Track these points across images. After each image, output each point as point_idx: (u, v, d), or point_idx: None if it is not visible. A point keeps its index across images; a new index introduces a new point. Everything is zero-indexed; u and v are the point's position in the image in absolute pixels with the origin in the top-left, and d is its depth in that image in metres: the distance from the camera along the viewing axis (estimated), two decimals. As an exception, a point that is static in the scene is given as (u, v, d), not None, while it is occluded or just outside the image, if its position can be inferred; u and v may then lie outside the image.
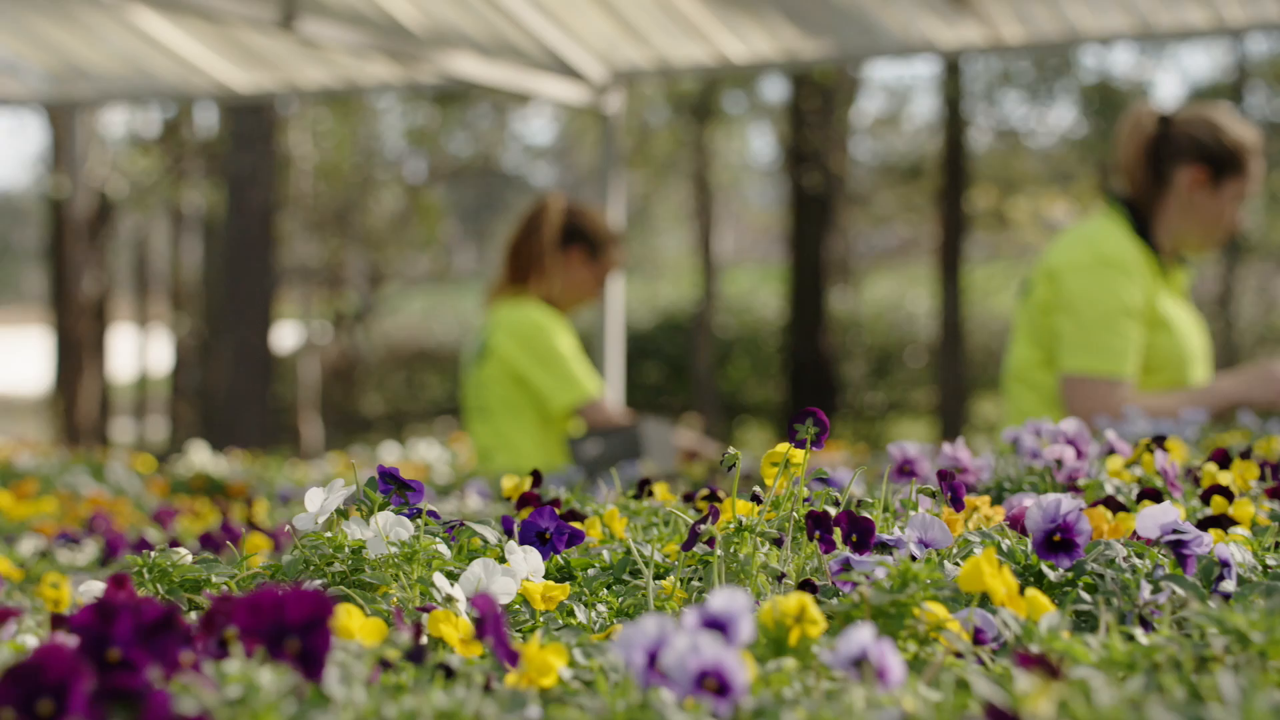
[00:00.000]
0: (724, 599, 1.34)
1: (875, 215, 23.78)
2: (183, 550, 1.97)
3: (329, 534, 1.94)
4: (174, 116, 19.59)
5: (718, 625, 1.33)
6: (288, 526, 2.02)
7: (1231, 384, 4.63)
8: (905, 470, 2.61)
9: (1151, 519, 1.90)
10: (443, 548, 1.90)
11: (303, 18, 6.36)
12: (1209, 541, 1.87)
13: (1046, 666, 1.24)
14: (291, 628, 1.30)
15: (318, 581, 1.89)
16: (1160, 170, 4.77)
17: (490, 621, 1.44)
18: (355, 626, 1.49)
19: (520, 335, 5.65)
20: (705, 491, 2.47)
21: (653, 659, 1.31)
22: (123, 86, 8.43)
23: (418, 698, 1.29)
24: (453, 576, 1.87)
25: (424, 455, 6.91)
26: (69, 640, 1.29)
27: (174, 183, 20.58)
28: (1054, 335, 4.69)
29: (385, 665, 1.41)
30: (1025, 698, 1.22)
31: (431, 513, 2.04)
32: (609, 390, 7.59)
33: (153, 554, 1.96)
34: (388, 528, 1.90)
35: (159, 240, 25.42)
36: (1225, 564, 1.83)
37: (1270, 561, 1.91)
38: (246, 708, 1.21)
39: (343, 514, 2.00)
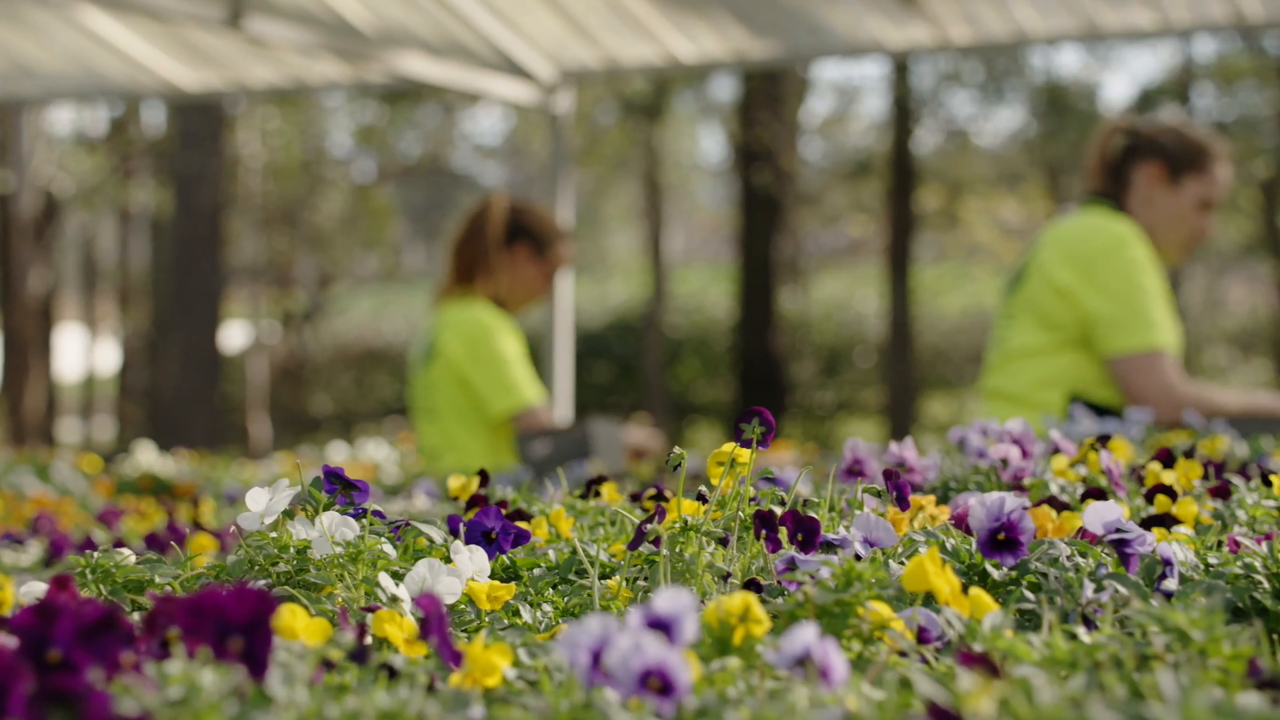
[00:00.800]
0: (668, 599, 1.34)
1: (825, 215, 23.83)
2: (126, 551, 1.96)
3: (274, 534, 1.94)
4: (121, 115, 19.51)
5: (661, 625, 1.33)
6: (233, 527, 2.01)
7: (1272, 397, 4.83)
8: (853, 470, 2.62)
9: (1098, 516, 1.91)
10: (388, 548, 1.90)
11: (250, 16, 6.33)
12: (1152, 540, 1.88)
13: (988, 665, 1.24)
14: (234, 628, 1.30)
15: (262, 582, 1.89)
16: (1122, 173, 4.88)
17: (434, 621, 1.44)
18: (299, 627, 1.48)
19: (465, 336, 5.63)
20: (652, 491, 2.47)
21: (596, 659, 1.31)
22: (70, 85, 8.39)
23: (360, 698, 1.29)
24: (398, 576, 1.87)
25: (372, 455, 6.89)
26: (9, 641, 1.29)
27: (121, 182, 20.48)
28: (1084, 321, 4.78)
29: (329, 665, 1.41)
30: (967, 696, 1.22)
31: (377, 512, 2.04)
32: (557, 393, 7.58)
33: (96, 554, 1.95)
34: (333, 528, 1.89)
35: (106, 239, 25.29)
36: (1168, 563, 1.84)
37: (1212, 560, 1.92)
38: (188, 708, 1.21)
39: (288, 514, 2.00)
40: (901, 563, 1.85)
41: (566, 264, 5.93)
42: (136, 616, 1.85)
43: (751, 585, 1.81)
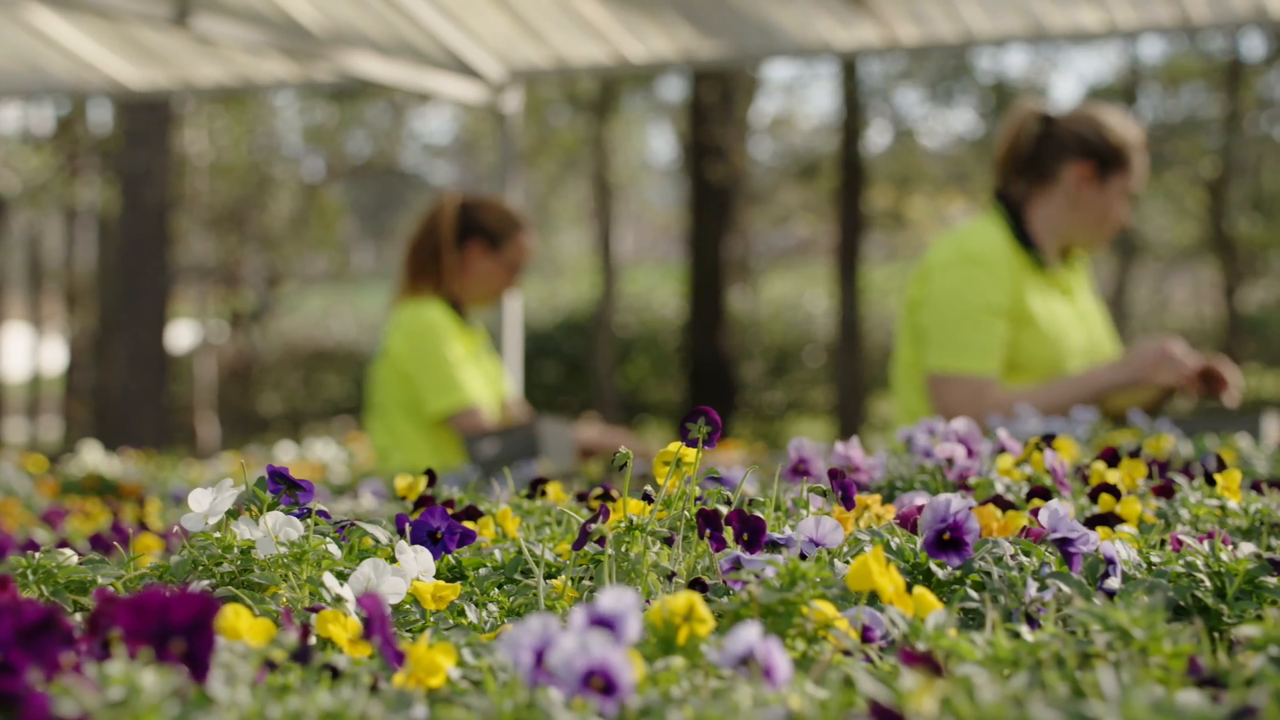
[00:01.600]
0: (611, 598, 1.34)
1: (774, 215, 23.87)
2: (68, 551, 1.95)
3: (219, 534, 1.93)
4: (68, 114, 19.39)
5: (605, 624, 1.33)
6: (177, 527, 2.00)
7: (1102, 371, 4.62)
8: (799, 469, 2.62)
9: (1047, 514, 1.92)
10: (333, 548, 1.89)
11: (197, 15, 6.31)
12: (1095, 539, 1.89)
13: (930, 664, 1.24)
14: (176, 628, 1.29)
15: (206, 582, 1.88)
16: (1044, 167, 4.81)
17: (377, 621, 1.44)
18: (242, 627, 1.48)
19: (411, 335, 5.62)
20: (599, 491, 2.47)
21: (540, 658, 1.31)
22: (15, 83, 8.33)
23: (303, 698, 1.28)
24: (343, 576, 1.86)
25: (320, 455, 6.87)
26: (-52, 643, 1.28)
27: (67, 180, 20.37)
28: (920, 334, 4.73)
29: (273, 666, 1.40)
30: (909, 695, 1.23)
31: (322, 512, 2.03)
32: (513, 386, 7.57)
33: (38, 555, 1.93)
34: (277, 528, 1.89)
35: (52, 238, 25.15)
36: (1110, 561, 1.85)
37: (1155, 559, 1.93)
38: (128, 710, 1.20)
39: (233, 514, 1.99)
40: (847, 562, 1.86)
41: (527, 256, 5.89)
42: (79, 617, 1.84)
43: (696, 585, 1.81)
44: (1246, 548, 1.95)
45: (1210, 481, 2.48)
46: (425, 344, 5.59)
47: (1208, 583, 1.85)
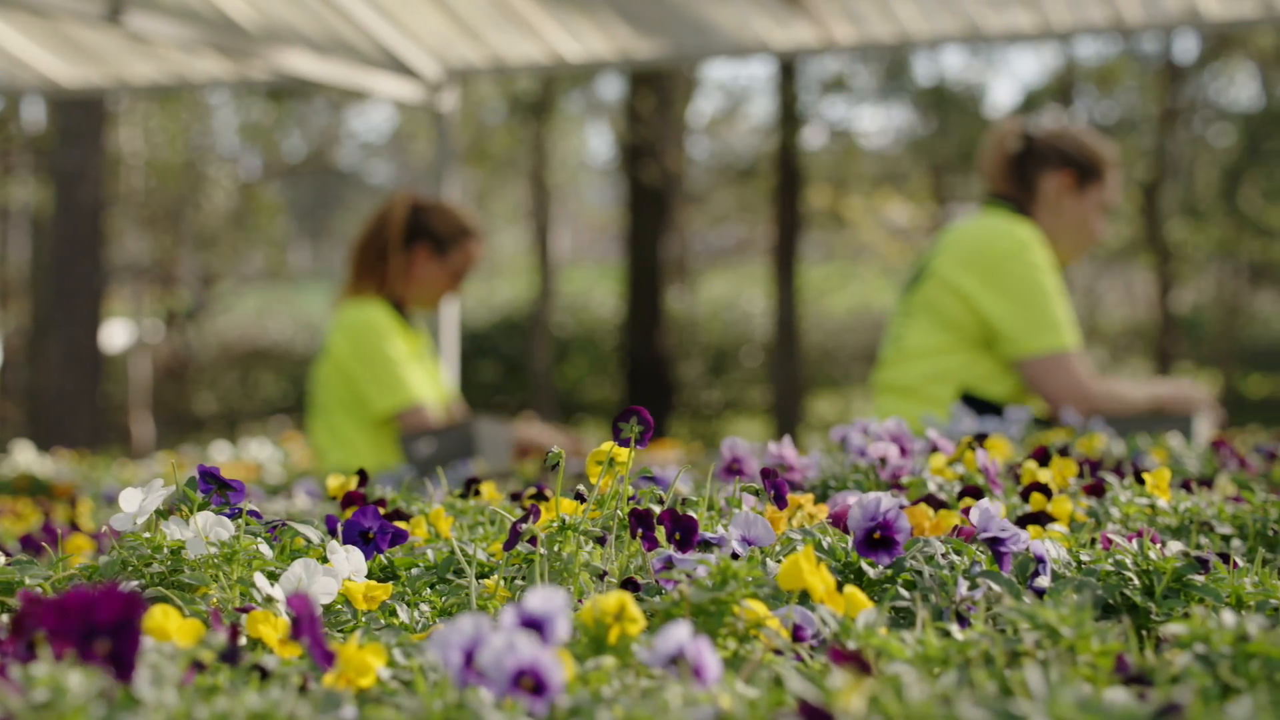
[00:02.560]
0: (540, 598, 1.34)
1: (712, 215, 23.89)
2: (-3, 552, 1.93)
3: (149, 535, 1.92)
4: (0, 111, 19.24)
5: (534, 624, 1.33)
6: (106, 528, 1.99)
7: (1170, 389, 4.92)
8: (733, 468, 2.63)
9: (974, 514, 1.93)
10: (264, 548, 1.88)
11: (130, 12, 6.27)
12: (1026, 538, 1.90)
13: (859, 663, 1.25)
14: (101, 629, 1.28)
15: (135, 583, 1.87)
16: (1027, 179, 4.97)
17: (306, 622, 1.43)
18: (171, 627, 1.47)
19: (352, 335, 5.61)
20: (532, 490, 2.47)
21: (470, 658, 1.30)
22: (-54, 80, 8.27)
23: (231, 699, 1.28)
24: (274, 577, 1.85)
25: (256, 455, 6.84)
26: None
27: (0, 179, 20.20)
28: (984, 323, 4.84)
29: (202, 667, 1.39)
30: (837, 694, 1.23)
31: (253, 512, 2.02)
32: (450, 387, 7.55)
33: (-34, 556, 1.92)
34: (207, 528, 1.88)
35: (-14, 237, 24.93)
36: (1040, 560, 1.86)
37: (1085, 557, 1.94)
38: (54, 711, 1.19)
39: (164, 514, 1.98)
40: (779, 561, 1.86)
41: (475, 264, 5.87)
42: (4, 619, 1.82)
43: (628, 584, 1.81)
44: (1175, 546, 1.97)
45: (1140, 481, 2.50)
46: (367, 343, 5.57)
47: (1136, 581, 1.86)
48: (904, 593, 1.80)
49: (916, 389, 4.89)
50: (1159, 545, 1.97)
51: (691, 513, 1.97)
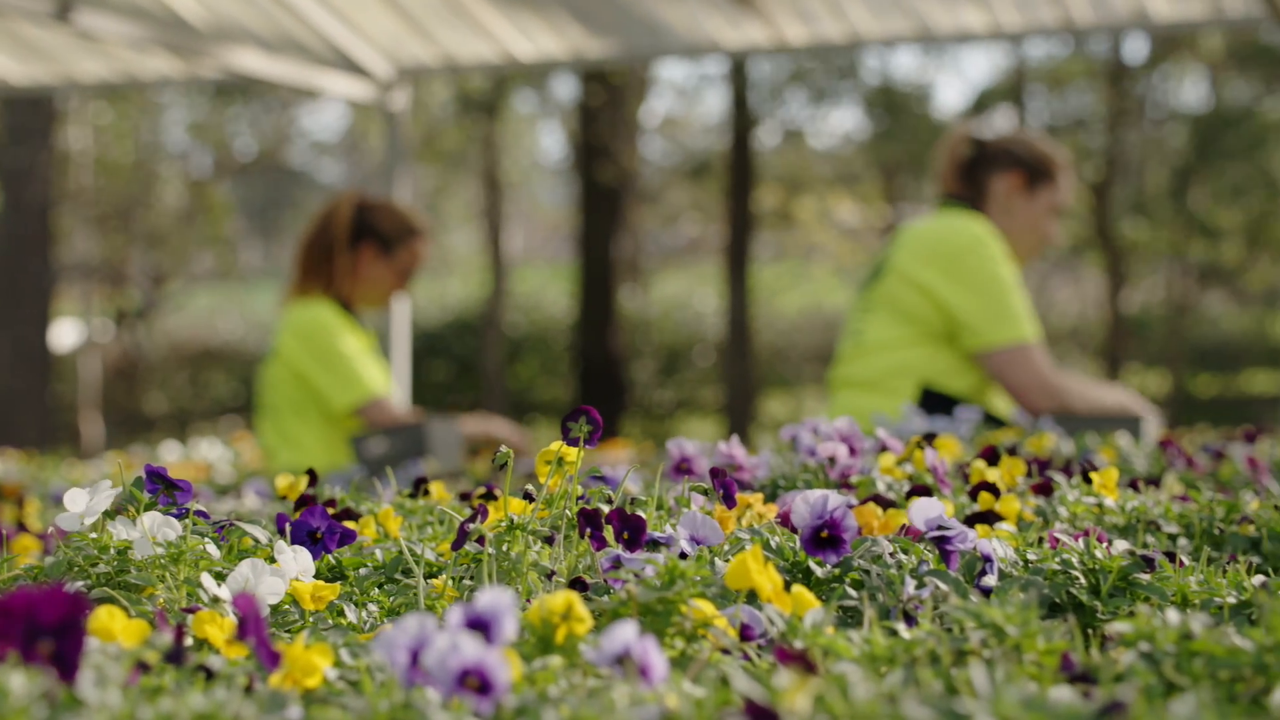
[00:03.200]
0: (487, 598, 1.34)
1: (665, 214, 23.90)
2: (-59, 553, 1.92)
3: (95, 535, 1.91)
4: (-52, 109, 19.11)
5: (480, 624, 1.33)
6: (51, 528, 1.98)
7: (1122, 393, 5.00)
8: (683, 468, 2.63)
9: (922, 512, 1.94)
10: (211, 548, 1.87)
11: (79, 10, 6.24)
12: (973, 537, 1.90)
13: (804, 662, 1.25)
14: (45, 630, 1.27)
15: (81, 583, 1.86)
16: (979, 181, 5.01)
17: (252, 622, 1.43)
18: (116, 628, 1.46)
19: (303, 335, 5.59)
20: (482, 490, 2.47)
21: (416, 658, 1.30)
22: (-107, 77, 8.21)
23: (175, 700, 1.27)
24: (221, 577, 1.85)
25: (206, 455, 6.81)
26: None
27: (-52, 177, 20.06)
28: (948, 316, 4.87)
29: (147, 668, 1.39)
30: (783, 693, 1.23)
31: (200, 512, 2.01)
32: (396, 389, 7.54)
33: (-90, 557, 1.91)
34: (154, 528, 1.87)
35: (-66, 235, 24.75)
36: (987, 559, 1.86)
37: (1032, 556, 1.95)
38: (-4, 713, 1.19)
39: (111, 515, 1.97)
40: (727, 561, 1.86)
41: (421, 263, 5.86)
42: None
43: (577, 584, 1.81)
44: (1121, 545, 1.98)
45: (1088, 480, 2.51)
46: (320, 342, 5.56)
47: (1082, 580, 1.87)
48: (851, 592, 1.80)
49: (877, 383, 4.92)
50: (1105, 544, 1.97)
51: (640, 512, 1.97)
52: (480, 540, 1.91)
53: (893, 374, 4.92)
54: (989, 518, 2.24)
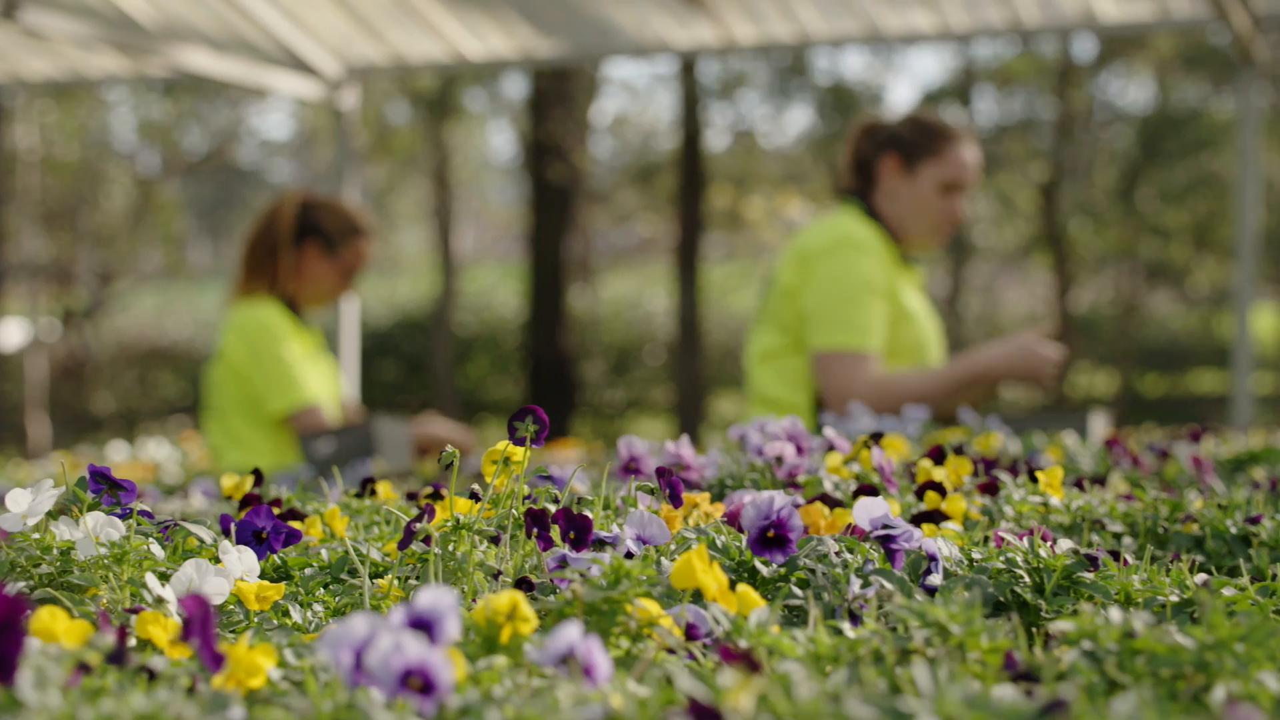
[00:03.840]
0: (430, 597, 1.34)
1: (615, 214, 23.90)
2: (-119, 554, 1.90)
3: (38, 535, 1.90)
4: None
5: (423, 624, 1.32)
6: (-6, 528, 1.96)
7: (983, 356, 4.77)
8: (631, 467, 2.63)
9: (865, 512, 1.94)
10: (156, 548, 1.87)
11: (26, 8, 6.20)
12: (918, 536, 1.91)
13: (748, 661, 1.25)
14: (-15, 632, 1.27)
15: (23, 584, 1.85)
16: (868, 169, 4.94)
17: (196, 623, 1.42)
18: (58, 629, 1.45)
19: (245, 336, 5.57)
20: (428, 490, 2.46)
21: (360, 658, 1.30)
22: None
23: (117, 701, 1.27)
24: (165, 577, 1.84)
25: (154, 455, 6.79)
26: None
27: (-106, 175, 19.94)
28: (801, 318, 4.80)
29: (89, 669, 1.38)
30: (727, 692, 1.23)
31: (145, 512, 2.00)
32: (344, 392, 7.51)
33: None
34: (98, 528, 1.86)
35: (-121, 234, 24.59)
36: (932, 558, 1.87)
37: (977, 555, 1.95)
38: (-65, 715, 1.18)
39: (54, 515, 1.96)
40: (674, 560, 1.86)
41: (366, 261, 5.84)
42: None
43: (523, 584, 1.81)
44: (1065, 544, 1.98)
45: (1034, 479, 2.52)
46: (261, 344, 5.54)
47: (1027, 579, 1.88)
48: (797, 591, 1.80)
49: (778, 398, 4.84)
50: (1050, 543, 1.98)
51: (587, 512, 1.96)
52: (426, 540, 1.91)
53: (787, 387, 4.84)
54: (935, 517, 2.25)
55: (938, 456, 2.62)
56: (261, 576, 1.97)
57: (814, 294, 4.78)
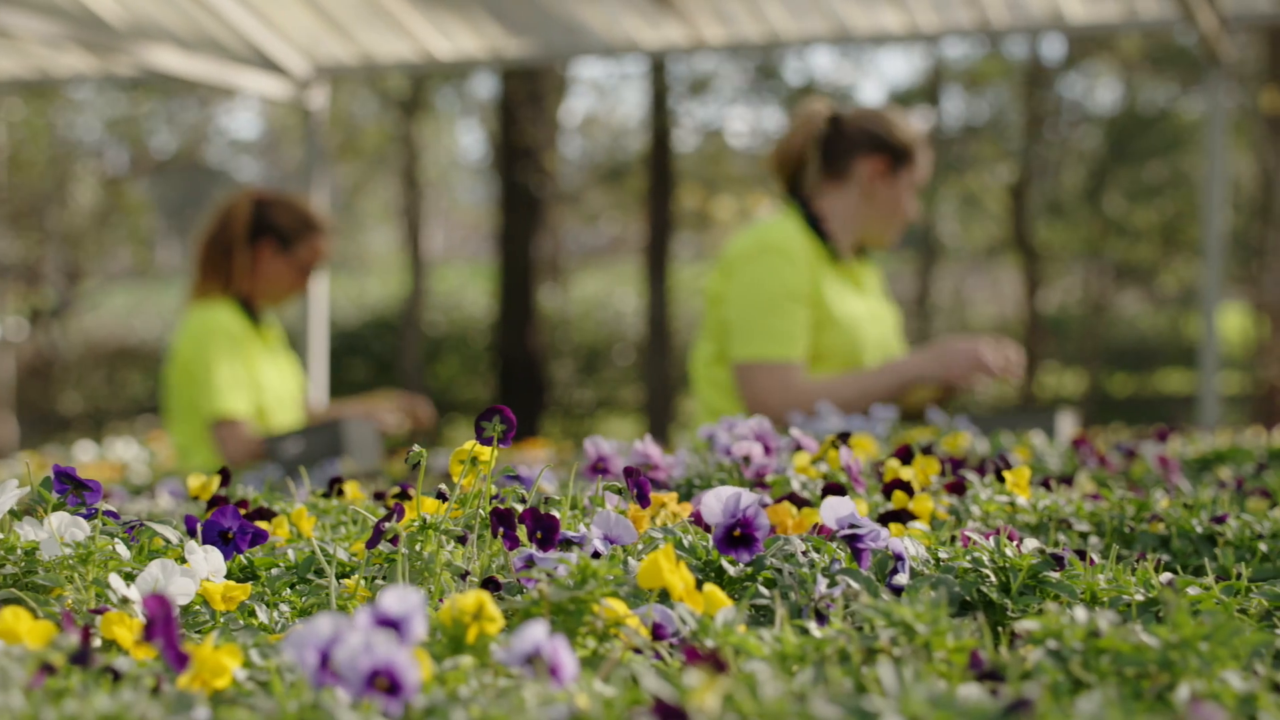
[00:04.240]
0: (396, 597, 1.34)
1: (585, 214, 23.90)
2: None
3: (2, 536, 1.89)
4: None
5: (390, 624, 1.32)
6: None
7: (910, 361, 4.75)
8: (598, 467, 2.63)
9: (832, 511, 1.94)
10: (121, 548, 1.86)
11: (-7, 5, 6.18)
12: (885, 536, 1.91)
13: (714, 661, 1.25)
14: (-52, 633, 1.26)
15: (-12, 585, 1.84)
16: (836, 164, 4.91)
17: (160, 623, 1.42)
18: (22, 629, 1.45)
19: (191, 338, 5.56)
20: (396, 489, 2.46)
21: (325, 659, 1.30)
22: None
23: (80, 702, 1.26)
24: (131, 578, 1.83)
25: (121, 455, 6.77)
26: None
27: None
28: (724, 327, 4.79)
29: (53, 670, 1.38)
30: (692, 692, 1.23)
31: (110, 512, 2.00)
32: (313, 391, 7.50)
33: None
34: (62, 528, 1.85)
35: None
36: (899, 557, 1.87)
37: (943, 555, 1.96)
38: (-103, 716, 1.18)
39: (18, 515, 1.95)
40: (640, 560, 1.86)
41: (322, 258, 5.82)
42: None
43: (489, 583, 1.81)
44: (1032, 544, 1.99)
45: (1001, 479, 2.53)
46: (202, 349, 5.52)
47: (993, 578, 1.88)
48: (764, 590, 1.80)
49: (722, 408, 4.83)
50: (1016, 542, 1.99)
51: (554, 511, 1.96)
52: (394, 540, 1.91)
53: (727, 396, 4.85)
54: (902, 516, 2.25)
55: (905, 456, 2.62)
56: (228, 577, 1.96)
57: (736, 303, 4.75)
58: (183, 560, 1.88)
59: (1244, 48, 15.88)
